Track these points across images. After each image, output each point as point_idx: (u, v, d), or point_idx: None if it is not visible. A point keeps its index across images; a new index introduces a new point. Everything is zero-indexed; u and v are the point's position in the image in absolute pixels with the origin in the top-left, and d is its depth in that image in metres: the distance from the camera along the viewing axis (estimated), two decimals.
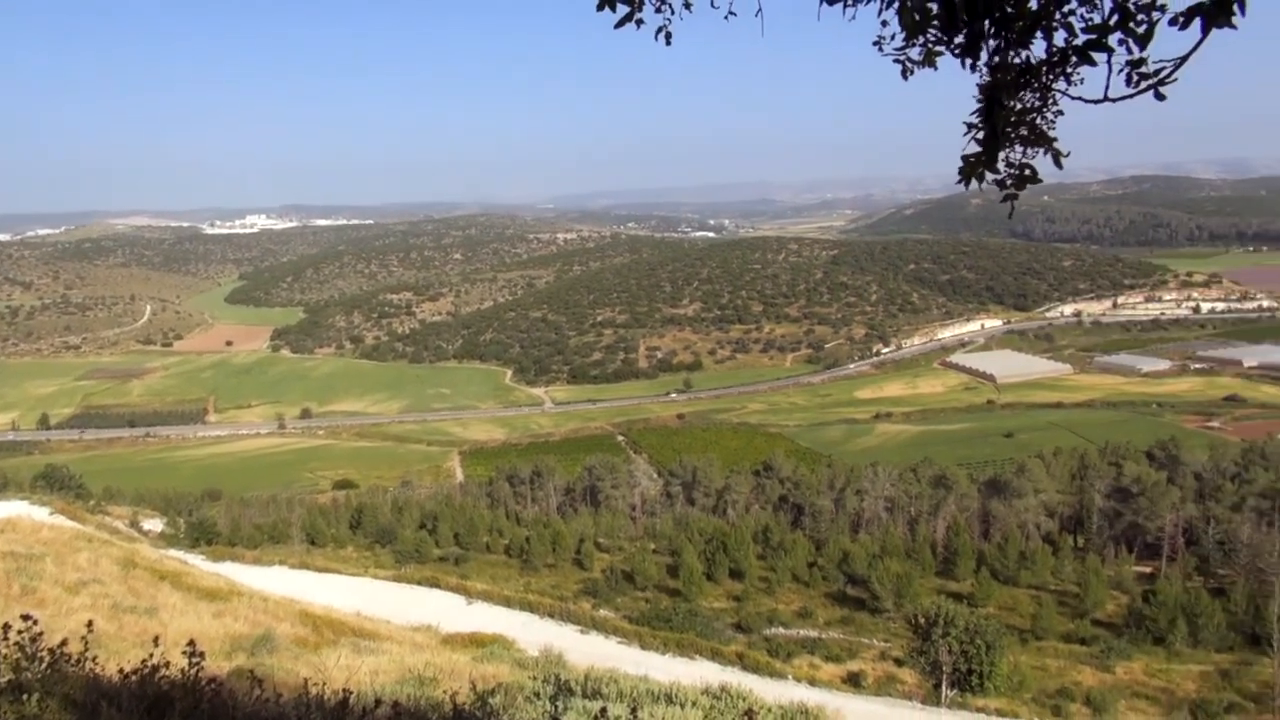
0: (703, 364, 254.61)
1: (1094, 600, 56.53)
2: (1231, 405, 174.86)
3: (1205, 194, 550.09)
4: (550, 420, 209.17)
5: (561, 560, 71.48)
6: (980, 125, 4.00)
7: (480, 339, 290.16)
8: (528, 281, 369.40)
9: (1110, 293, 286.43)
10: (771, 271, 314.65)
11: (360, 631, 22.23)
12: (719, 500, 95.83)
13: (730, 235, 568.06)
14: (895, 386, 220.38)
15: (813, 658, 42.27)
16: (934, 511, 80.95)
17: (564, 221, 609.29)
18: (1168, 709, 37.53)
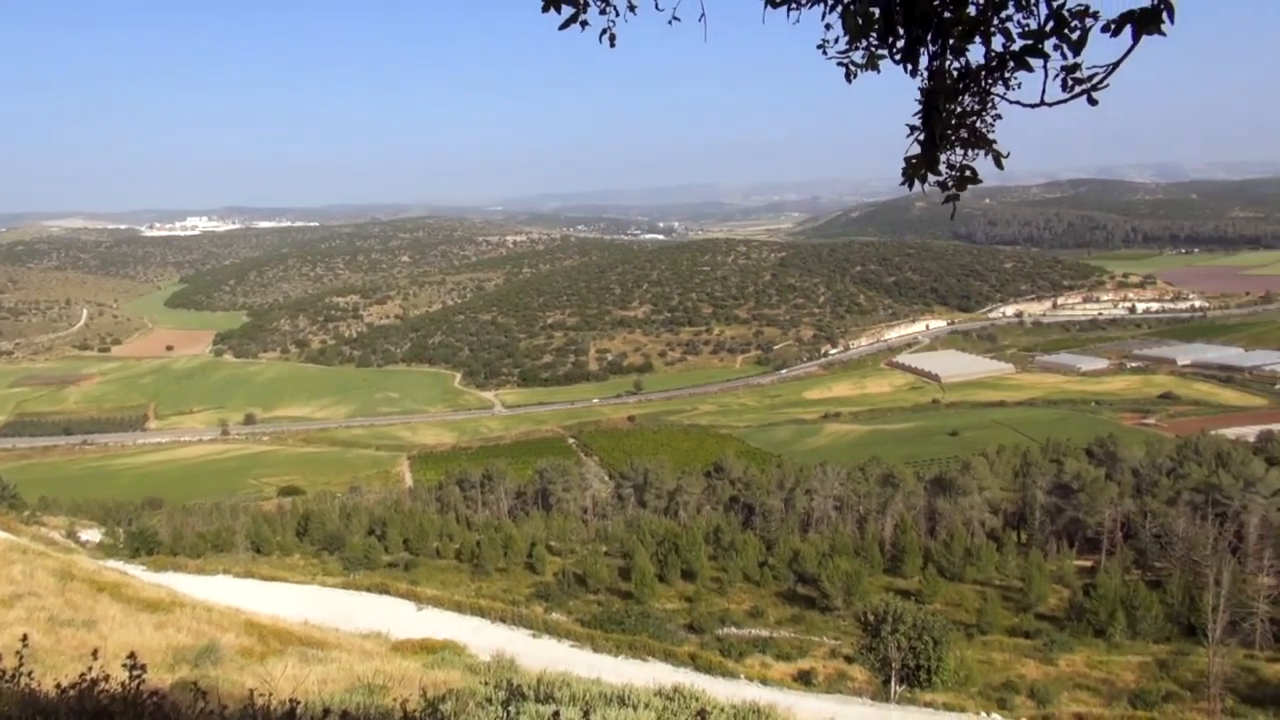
0: (653, 366, 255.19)
1: (1037, 594, 57.75)
2: (1166, 402, 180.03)
3: (1140, 197, 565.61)
4: (501, 423, 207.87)
5: (513, 564, 71.06)
6: (920, 128, 4.08)
7: (429, 342, 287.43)
8: (477, 284, 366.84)
9: (1050, 293, 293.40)
10: (721, 274, 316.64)
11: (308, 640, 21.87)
12: (671, 502, 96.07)
13: (679, 238, 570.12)
14: (843, 387, 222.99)
15: (764, 657, 42.57)
16: (882, 510, 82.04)
17: (513, 224, 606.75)
18: (1108, 699, 38.45)
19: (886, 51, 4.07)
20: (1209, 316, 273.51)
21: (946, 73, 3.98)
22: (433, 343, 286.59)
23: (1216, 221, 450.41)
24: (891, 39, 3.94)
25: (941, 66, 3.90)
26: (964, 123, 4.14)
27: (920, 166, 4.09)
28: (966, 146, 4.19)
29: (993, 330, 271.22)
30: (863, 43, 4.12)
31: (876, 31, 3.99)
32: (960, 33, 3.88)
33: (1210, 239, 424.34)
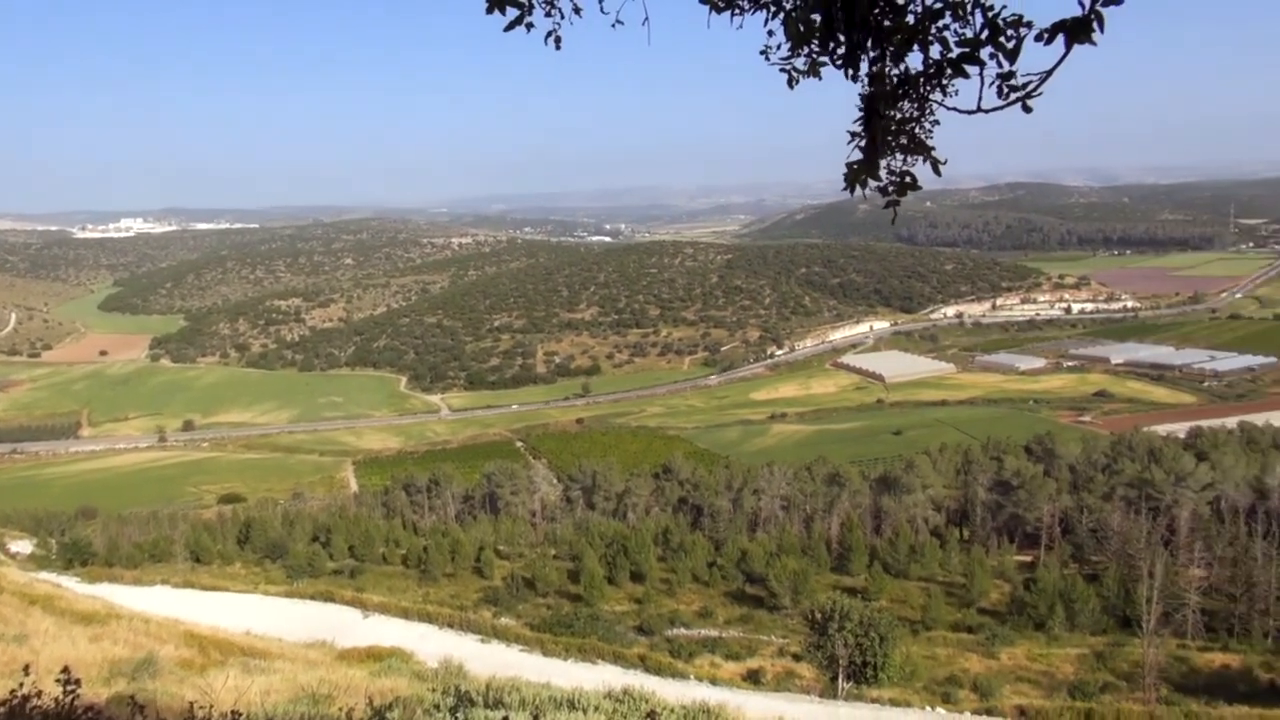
0: (601, 368, 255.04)
1: (979, 590, 58.87)
2: (1101, 400, 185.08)
3: (1074, 201, 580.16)
4: (447, 427, 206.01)
5: (461, 569, 70.44)
6: (861, 134, 4.14)
7: (374, 346, 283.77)
8: (422, 287, 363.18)
9: (989, 294, 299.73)
10: (668, 276, 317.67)
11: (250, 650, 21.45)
12: (619, 504, 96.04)
13: (627, 240, 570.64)
14: (789, 387, 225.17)
15: (714, 657, 42.80)
16: (828, 509, 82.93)
17: (459, 226, 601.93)
18: (1048, 691, 39.34)
19: (828, 58, 4.13)
20: (1141, 316, 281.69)
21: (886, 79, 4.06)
22: (377, 346, 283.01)
23: (1147, 224, 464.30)
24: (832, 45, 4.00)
25: (881, 72, 3.97)
26: (904, 129, 4.22)
27: (861, 172, 4.16)
28: (906, 153, 4.28)
29: (934, 331, 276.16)
30: (804, 49, 4.18)
31: (817, 38, 4.05)
32: (900, 40, 3.96)
33: (1141, 241, 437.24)
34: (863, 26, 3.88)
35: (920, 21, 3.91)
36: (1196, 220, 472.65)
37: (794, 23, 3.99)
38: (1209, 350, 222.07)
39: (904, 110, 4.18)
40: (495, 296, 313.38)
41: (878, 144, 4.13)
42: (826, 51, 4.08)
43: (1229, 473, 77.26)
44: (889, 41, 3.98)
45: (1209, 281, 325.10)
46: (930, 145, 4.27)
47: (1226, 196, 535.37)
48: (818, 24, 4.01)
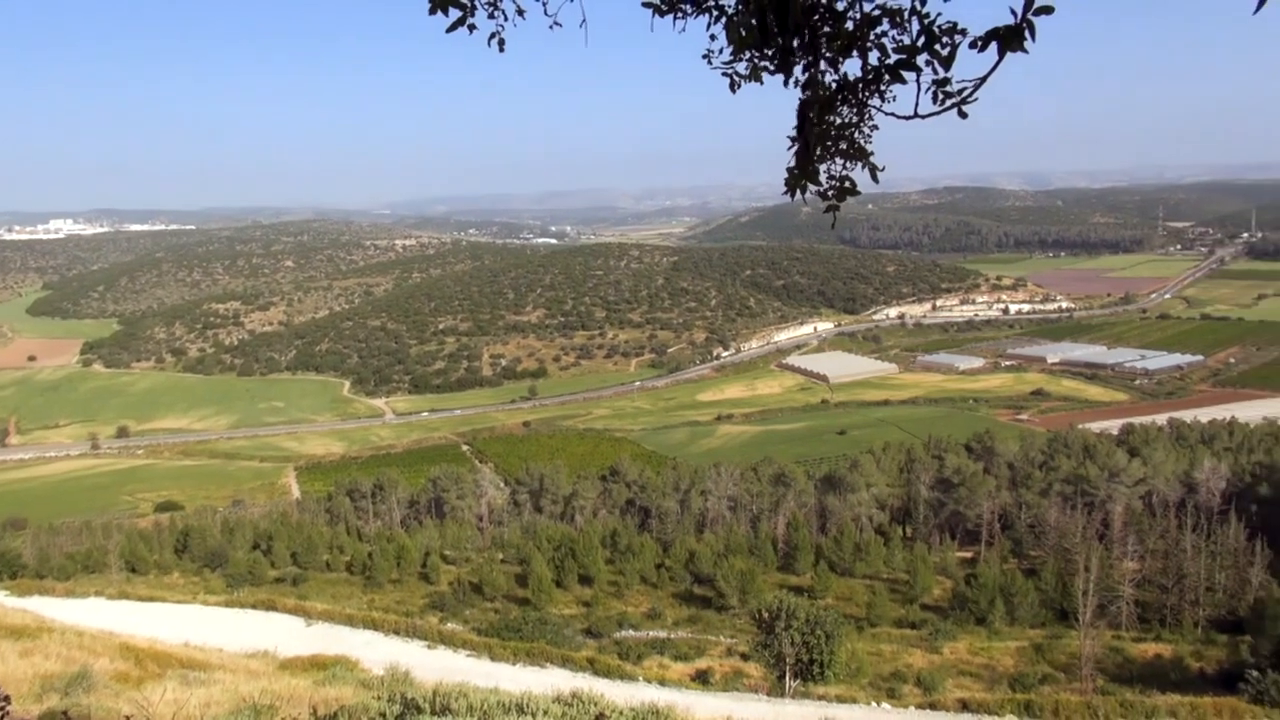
0: (547, 371, 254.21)
1: (922, 586, 59.86)
2: (1038, 399, 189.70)
3: (1010, 204, 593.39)
4: (392, 432, 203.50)
5: (407, 575, 69.64)
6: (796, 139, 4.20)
7: (315, 349, 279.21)
8: (365, 289, 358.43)
9: (930, 296, 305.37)
10: (614, 278, 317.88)
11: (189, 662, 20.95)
12: (567, 506, 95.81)
13: (572, 242, 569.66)
14: (735, 388, 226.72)
15: (662, 658, 42.90)
16: (774, 509, 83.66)
17: (402, 228, 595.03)
18: (990, 684, 40.14)
19: (768, 62, 4.19)
20: (1075, 317, 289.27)
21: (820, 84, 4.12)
22: (319, 350, 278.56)
23: (1080, 227, 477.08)
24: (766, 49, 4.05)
25: (814, 77, 4.03)
26: (843, 134, 4.29)
27: (800, 177, 4.22)
28: (846, 158, 4.35)
29: (877, 331, 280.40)
30: (746, 54, 4.23)
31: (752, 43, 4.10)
32: (838, 46, 4.03)
33: (1075, 243, 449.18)
34: (796, 32, 3.93)
35: (859, 28, 3.99)
36: (1126, 223, 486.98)
37: (735, 27, 4.04)
38: (1140, 349, 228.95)
39: (843, 116, 4.26)
40: (440, 299, 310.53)
41: (811, 149, 4.20)
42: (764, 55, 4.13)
43: (1160, 468, 79.72)
44: (829, 47, 4.05)
45: (1139, 282, 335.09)
46: (869, 150, 4.35)
47: (1154, 200, 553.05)
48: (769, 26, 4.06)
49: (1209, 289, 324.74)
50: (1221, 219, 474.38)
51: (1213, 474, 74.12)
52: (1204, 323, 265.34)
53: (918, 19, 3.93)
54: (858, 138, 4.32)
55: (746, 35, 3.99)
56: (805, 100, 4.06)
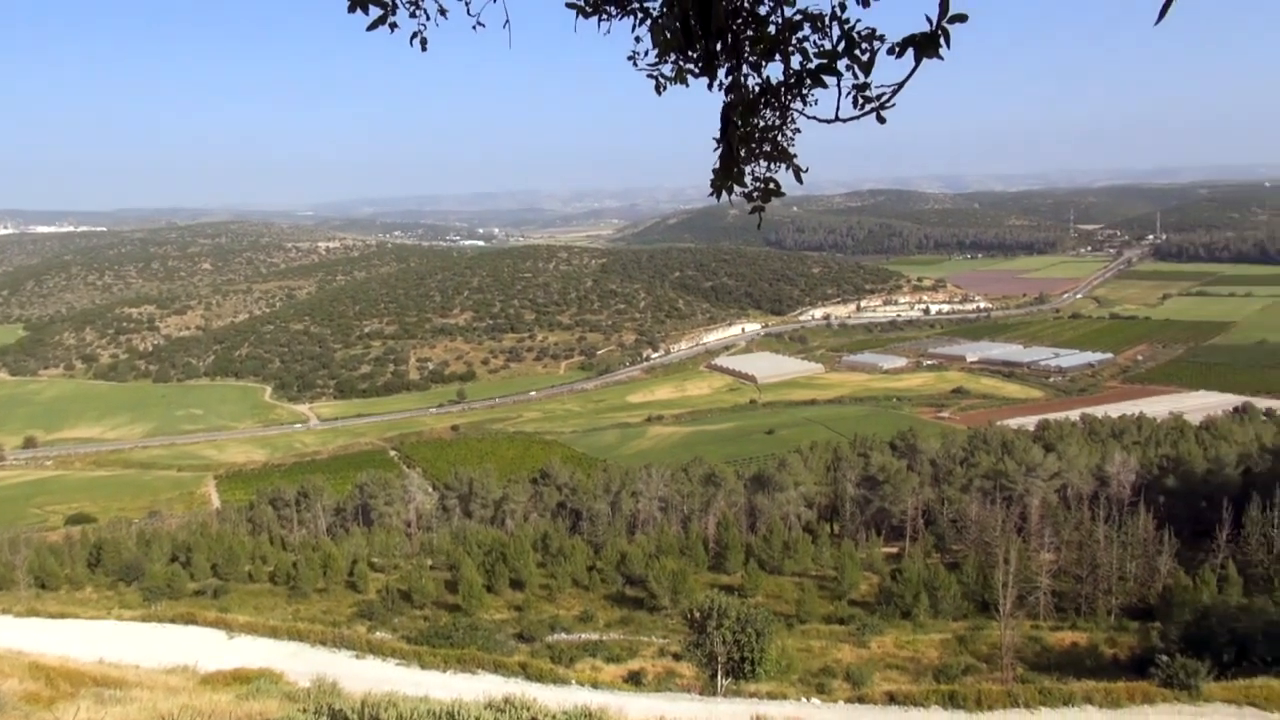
0: (476, 374, 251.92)
1: (850, 582, 60.89)
2: (958, 397, 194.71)
3: (930, 207, 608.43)
4: (316, 438, 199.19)
5: (333, 584, 68.26)
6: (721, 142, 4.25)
7: (235, 354, 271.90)
8: (287, 292, 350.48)
9: (854, 297, 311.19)
10: (543, 280, 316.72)
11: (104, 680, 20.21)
12: (497, 511, 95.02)
13: (500, 244, 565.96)
14: (665, 390, 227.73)
15: (595, 660, 42.87)
16: (705, 509, 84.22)
17: (325, 229, 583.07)
18: (915, 676, 41.06)
19: (693, 65, 4.22)
20: (993, 316, 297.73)
21: (743, 87, 4.17)
22: (239, 355, 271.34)
23: (996, 229, 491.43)
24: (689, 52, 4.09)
25: (737, 81, 4.08)
26: (767, 137, 4.35)
27: (725, 178, 4.27)
28: (770, 160, 4.42)
29: (803, 332, 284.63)
30: (671, 56, 4.26)
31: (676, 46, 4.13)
32: (761, 50, 4.08)
33: (991, 245, 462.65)
34: (719, 35, 3.97)
35: (781, 32, 4.05)
36: (1040, 226, 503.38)
37: (660, 30, 4.06)
38: (1054, 348, 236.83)
39: (766, 118, 4.32)
40: (365, 302, 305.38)
41: (735, 152, 4.25)
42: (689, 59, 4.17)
43: (1073, 462, 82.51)
44: (752, 51, 4.10)
45: (1052, 283, 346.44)
46: (792, 153, 4.42)
47: (1066, 204, 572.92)
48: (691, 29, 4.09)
49: (1118, 289, 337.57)
50: (1129, 222, 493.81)
51: (1123, 467, 76.96)
52: (1113, 322, 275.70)
53: (838, 24, 4.01)
54: (781, 140, 4.39)
55: (671, 38, 4.02)
56: (729, 103, 4.11)
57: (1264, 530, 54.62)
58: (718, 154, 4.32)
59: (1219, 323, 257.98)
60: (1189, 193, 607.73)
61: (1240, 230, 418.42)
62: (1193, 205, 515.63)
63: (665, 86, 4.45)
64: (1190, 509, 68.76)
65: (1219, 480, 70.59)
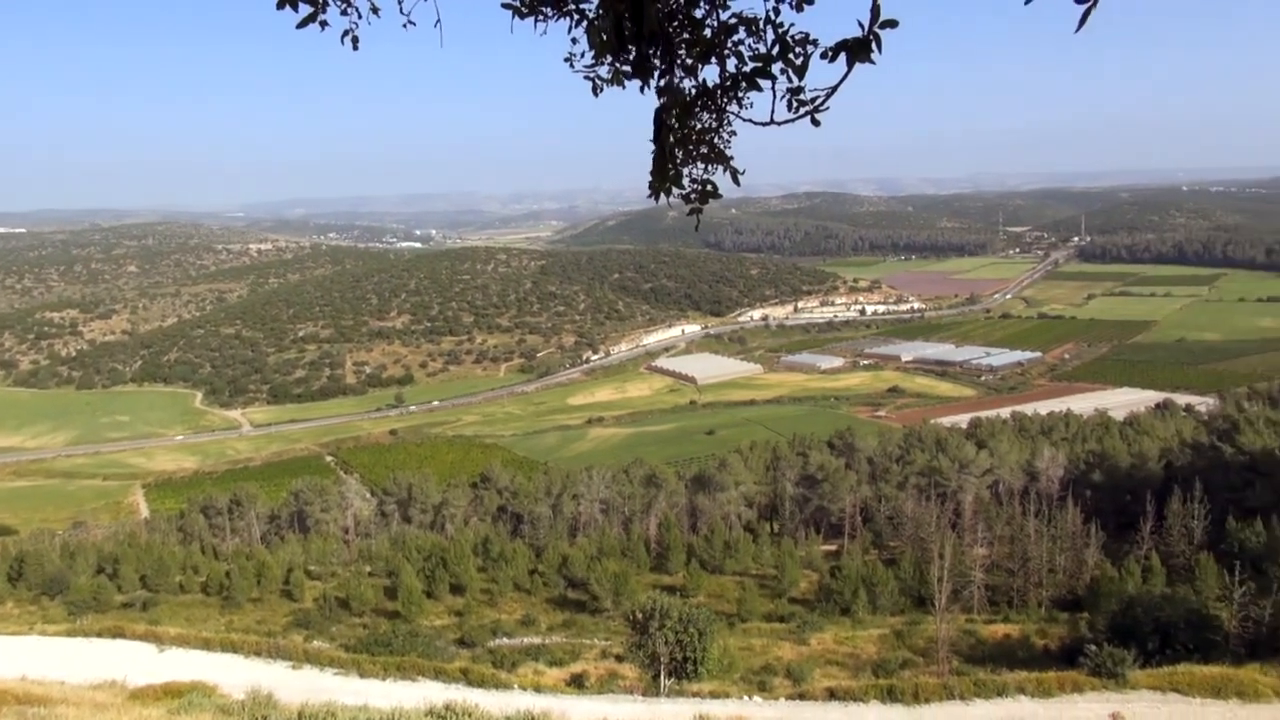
0: (414, 377, 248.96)
1: (790, 580, 61.52)
2: (894, 396, 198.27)
3: (865, 209, 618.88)
4: (250, 444, 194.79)
5: (268, 593, 66.80)
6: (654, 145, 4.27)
7: (164, 360, 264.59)
8: (218, 296, 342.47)
9: (792, 298, 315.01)
10: (481, 282, 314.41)
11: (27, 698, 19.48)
12: (437, 516, 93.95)
13: (438, 246, 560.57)
14: (605, 391, 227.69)
15: (537, 664, 42.61)
16: (646, 510, 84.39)
17: (257, 231, 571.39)
18: (854, 672, 41.62)
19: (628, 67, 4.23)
20: (926, 317, 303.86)
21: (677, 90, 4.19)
22: (168, 360, 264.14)
23: (929, 231, 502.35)
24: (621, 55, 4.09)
25: (670, 84, 4.10)
26: (704, 139, 4.39)
27: (659, 181, 4.29)
28: (707, 162, 4.45)
29: (742, 333, 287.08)
30: (607, 58, 4.26)
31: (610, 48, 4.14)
32: (697, 53, 4.11)
33: (924, 247, 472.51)
34: (651, 39, 3.99)
35: (716, 35, 4.08)
36: (971, 228, 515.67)
37: (596, 32, 4.06)
38: (985, 347, 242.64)
39: (703, 121, 4.35)
40: (299, 305, 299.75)
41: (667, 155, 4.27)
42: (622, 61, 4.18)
43: (1004, 458, 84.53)
44: (689, 53, 4.12)
45: (983, 284, 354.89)
46: (729, 155, 4.46)
47: (995, 207, 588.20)
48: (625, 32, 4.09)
49: (1045, 289, 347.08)
50: (1055, 224, 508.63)
51: (1051, 463, 79.03)
52: (1041, 321, 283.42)
53: (773, 28, 4.05)
54: (718, 142, 4.42)
55: (605, 41, 4.03)
56: (662, 106, 4.12)
57: (1185, 522, 56.55)
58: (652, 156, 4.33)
59: (1141, 322, 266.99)
60: (1111, 196, 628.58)
61: (1160, 232, 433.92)
62: (1115, 208, 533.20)
63: (602, 88, 4.46)
64: (1115, 502, 70.92)
65: (1142, 474, 72.95)
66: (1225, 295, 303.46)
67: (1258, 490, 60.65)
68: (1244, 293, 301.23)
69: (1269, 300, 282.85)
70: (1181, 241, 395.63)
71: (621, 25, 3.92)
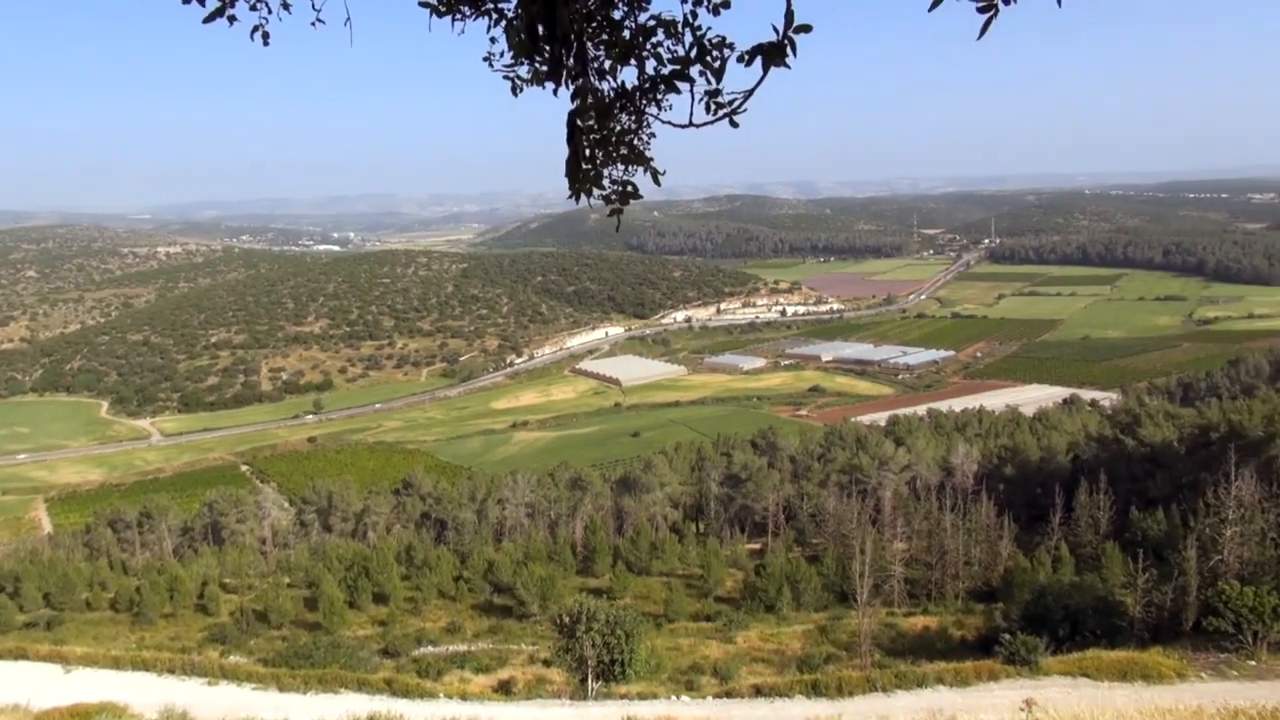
0: (334, 383, 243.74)
1: (716, 579, 62.02)
2: (815, 395, 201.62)
3: (785, 212, 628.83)
4: (160, 455, 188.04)
5: (182, 608, 64.63)
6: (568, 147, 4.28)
7: (66, 368, 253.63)
8: (124, 301, 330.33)
9: (714, 299, 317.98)
10: (402, 285, 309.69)
11: None
12: (358, 524, 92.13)
13: (357, 249, 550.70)
14: (530, 395, 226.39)
15: (463, 672, 42.13)
16: (572, 513, 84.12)
17: (166, 234, 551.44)
18: (780, 668, 42.17)
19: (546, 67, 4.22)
20: (845, 317, 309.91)
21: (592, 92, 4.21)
22: (71, 368, 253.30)
23: (847, 234, 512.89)
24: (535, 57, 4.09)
25: (584, 87, 4.11)
26: (623, 140, 4.41)
27: (574, 182, 4.30)
28: (627, 163, 4.47)
29: (666, 335, 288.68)
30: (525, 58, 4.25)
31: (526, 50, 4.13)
32: (616, 54, 4.13)
33: (843, 248, 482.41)
34: (564, 41, 4.00)
35: (635, 37, 4.11)
36: (887, 230, 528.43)
37: (515, 31, 4.05)
38: (902, 346, 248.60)
39: (622, 122, 4.37)
40: (211, 310, 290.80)
41: (580, 157, 4.28)
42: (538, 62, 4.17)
43: (921, 455, 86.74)
44: (608, 54, 4.14)
45: (899, 285, 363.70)
46: (649, 156, 4.49)
47: (910, 209, 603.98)
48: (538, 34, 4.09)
49: (958, 290, 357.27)
50: (967, 226, 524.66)
51: (966, 458, 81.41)
52: (955, 321, 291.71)
53: (691, 31, 4.10)
54: (637, 144, 4.45)
55: (522, 41, 4.02)
56: (575, 109, 4.13)
57: (1091, 513, 58.79)
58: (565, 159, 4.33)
59: (1048, 320, 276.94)
60: (1019, 199, 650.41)
61: (1065, 234, 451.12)
62: (1023, 211, 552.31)
63: (522, 89, 4.45)
64: (1027, 495, 73.42)
65: (1051, 468, 75.66)
66: (1126, 294, 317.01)
67: (1158, 481, 63.50)
68: (1143, 291, 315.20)
69: (1166, 299, 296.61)
70: (1085, 243, 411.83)
71: (535, 27, 3.92)
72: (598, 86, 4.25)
